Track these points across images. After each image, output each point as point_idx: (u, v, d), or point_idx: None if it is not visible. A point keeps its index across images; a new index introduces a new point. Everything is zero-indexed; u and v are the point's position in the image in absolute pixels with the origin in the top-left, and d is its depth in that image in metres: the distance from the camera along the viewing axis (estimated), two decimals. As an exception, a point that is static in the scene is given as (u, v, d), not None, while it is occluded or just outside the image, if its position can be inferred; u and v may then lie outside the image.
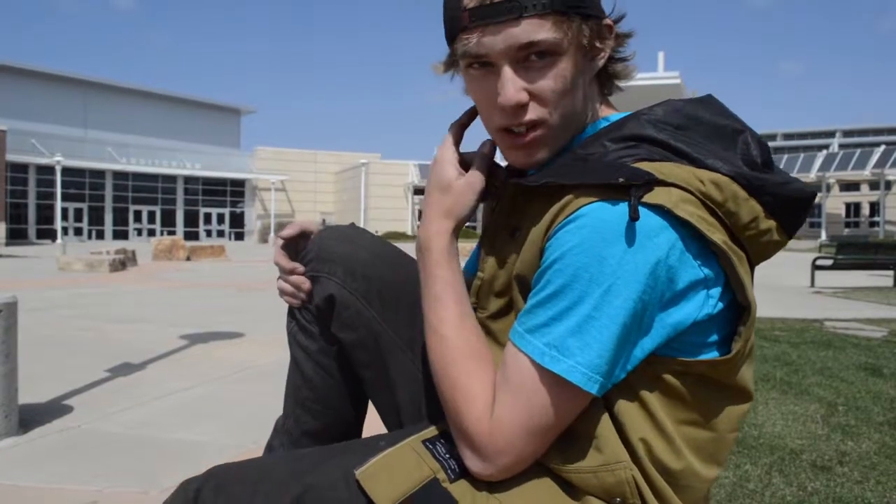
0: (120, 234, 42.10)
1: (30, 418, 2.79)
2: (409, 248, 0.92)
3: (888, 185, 42.20)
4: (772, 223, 0.76)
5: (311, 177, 50.43)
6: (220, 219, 47.29)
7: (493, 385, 0.75)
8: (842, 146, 71.66)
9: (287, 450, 1.09)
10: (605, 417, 0.74)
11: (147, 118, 45.50)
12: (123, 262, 13.50)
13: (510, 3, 0.73)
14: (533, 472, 0.76)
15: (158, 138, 45.40)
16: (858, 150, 45.10)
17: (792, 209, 0.77)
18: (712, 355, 0.75)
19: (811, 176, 45.30)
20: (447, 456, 0.79)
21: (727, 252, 0.71)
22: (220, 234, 46.70)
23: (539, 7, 0.73)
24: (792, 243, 33.96)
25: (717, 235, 0.71)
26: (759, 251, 0.78)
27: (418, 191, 43.87)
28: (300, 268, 1.03)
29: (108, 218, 42.07)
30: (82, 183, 40.44)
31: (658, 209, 0.68)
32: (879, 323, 6.12)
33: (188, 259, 17.72)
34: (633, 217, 0.66)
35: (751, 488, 2.14)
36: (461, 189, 0.85)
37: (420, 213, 0.93)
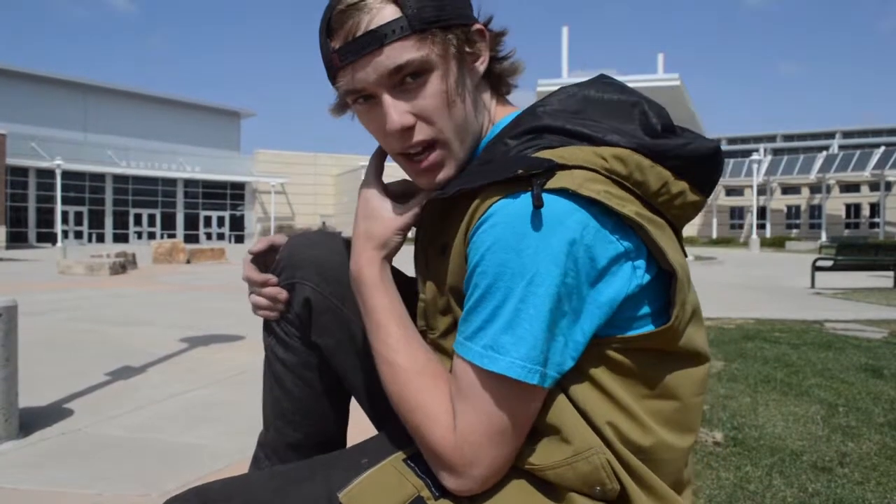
0: (120, 238, 42.10)
1: (30, 422, 2.80)
2: (409, 250, 0.92)
3: (888, 186, 42.21)
4: (683, 185, 0.77)
5: (311, 179, 50.43)
6: (220, 222, 47.29)
7: (449, 400, 0.76)
8: (841, 147, 71.58)
9: (272, 462, 1.09)
10: (568, 408, 0.74)
11: (147, 121, 45.52)
12: (124, 266, 13.49)
13: (370, 34, 0.76)
14: (512, 478, 0.76)
15: (158, 141, 45.43)
16: (858, 152, 45.09)
17: (699, 167, 0.78)
18: (648, 328, 0.75)
19: (811, 177, 45.32)
20: (430, 473, 0.79)
21: (640, 222, 0.71)
22: (220, 237, 46.70)
23: (398, 31, 0.75)
24: (792, 244, 34.06)
25: (629, 207, 0.71)
26: (678, 215, 0.79)
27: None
28: (273, 279, 1.03)
29: (109, 221, 42.07)
30: (82, 186, 40.45)
31: (563, 192, 0.69)
32: (880, 324, 6.12)
33: (188, 262, 17.71)
34: (537, 205, 0.67)
35: (751, 490, 2.14)
36: (387, 217, 0.86)
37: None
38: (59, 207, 31.66)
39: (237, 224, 48.03)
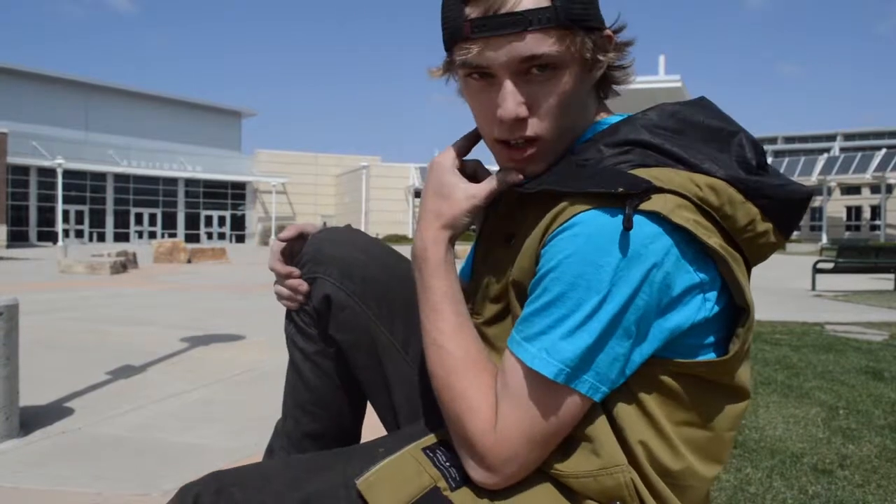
0: (121, 237, 42.16)
1: (31, 420, 2.80)
2: (409, 251, 0.92)
3: (889, 188, 42.20)
4: (769, 225, 0.76)
5: (311, 179, 50.47)
6: (221, 221, 47.34)
7: (494, 394, 0.75)
8: (843, 150, 71.62)
9: (287, 452, 1.10)
10: (603, 421, 0.74)
11: (148, 121, 45.59)
12: (124, 265, 13.49)
13: (515, 16, 0.72)
14: (534, 478, 0.76)
15: (160, 141, 45.52)
16: (859, 154, 45.12)
17: (788, 210, 0.77)
18: (709, 356, 0.75)
19: (812, 179, 45.30)
20: (448, 464, 0.79)
21: (724, 255, 0.71)
22: (221, 236, 46.74)
23: (544, 21, 0.72)
24: (793, 246, 34.04)
25: (714, 239, 0.71)
26: (755, 253, 0.78)
27: (419, 193, 43.94)
28: (296, 271, 1.04)
29: (110, 220, 42.13)
30: (83, 185, 40.52)
31: (654, 216, 0.68)
32: (880, 326, 6.12)
33: (189, 261, 17.72)
34: (627, 227, 0.67)
35: (752, 492, 2.14)
36: (461, 197, 0.83)
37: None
38: (59, 206, 31.71)
39: (238, 224, 48.07)
